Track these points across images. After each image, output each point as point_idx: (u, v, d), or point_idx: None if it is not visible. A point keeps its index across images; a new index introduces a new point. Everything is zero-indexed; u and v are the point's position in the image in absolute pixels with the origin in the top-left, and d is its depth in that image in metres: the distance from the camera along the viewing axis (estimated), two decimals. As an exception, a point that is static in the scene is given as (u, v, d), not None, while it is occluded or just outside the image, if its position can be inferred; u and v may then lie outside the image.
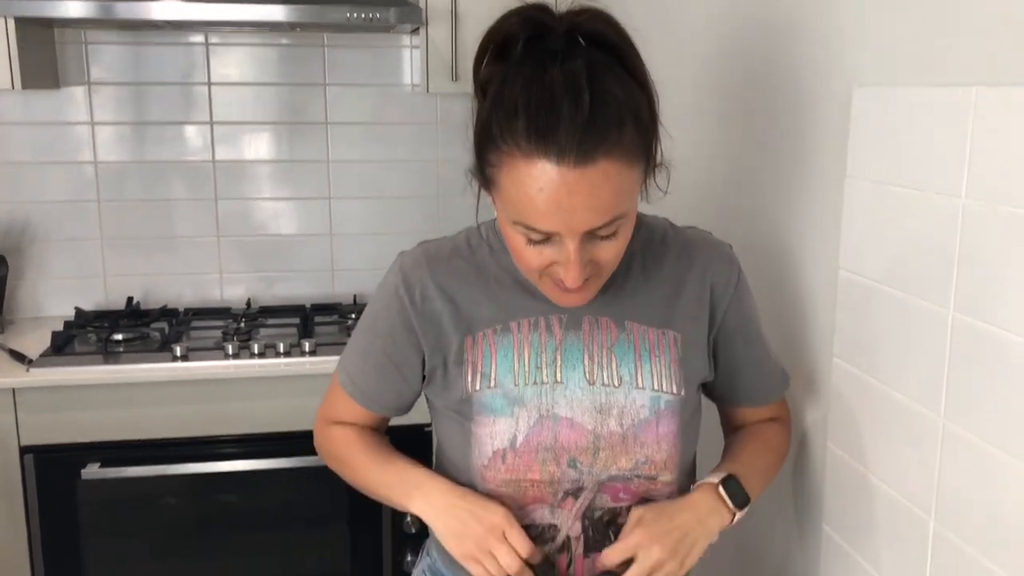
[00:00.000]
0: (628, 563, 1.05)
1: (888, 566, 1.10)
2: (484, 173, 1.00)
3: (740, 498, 1.11)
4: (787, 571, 1.40)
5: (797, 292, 1.33)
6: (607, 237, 0.98)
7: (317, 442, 1.27)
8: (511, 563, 1.04)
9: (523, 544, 1.05)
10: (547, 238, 0.97)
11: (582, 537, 1.12)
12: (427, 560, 1.27)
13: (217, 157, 2.62)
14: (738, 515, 1.11)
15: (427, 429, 2.11)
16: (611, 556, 1.06)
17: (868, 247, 1.11)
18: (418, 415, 1.25)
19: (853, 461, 1.16)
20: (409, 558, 2.29)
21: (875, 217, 1.09)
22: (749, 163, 1.49)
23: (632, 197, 0.98)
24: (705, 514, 1.09)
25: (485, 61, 1.00)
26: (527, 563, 1.05)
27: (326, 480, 1.28)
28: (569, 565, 1.13)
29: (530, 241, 0.98)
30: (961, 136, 0.92)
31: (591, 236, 0.97)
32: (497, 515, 1.06)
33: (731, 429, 1.27)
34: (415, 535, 2.29)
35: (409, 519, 2.29)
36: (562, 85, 0.92)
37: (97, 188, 2.58)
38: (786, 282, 1.36)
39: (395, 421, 1.27)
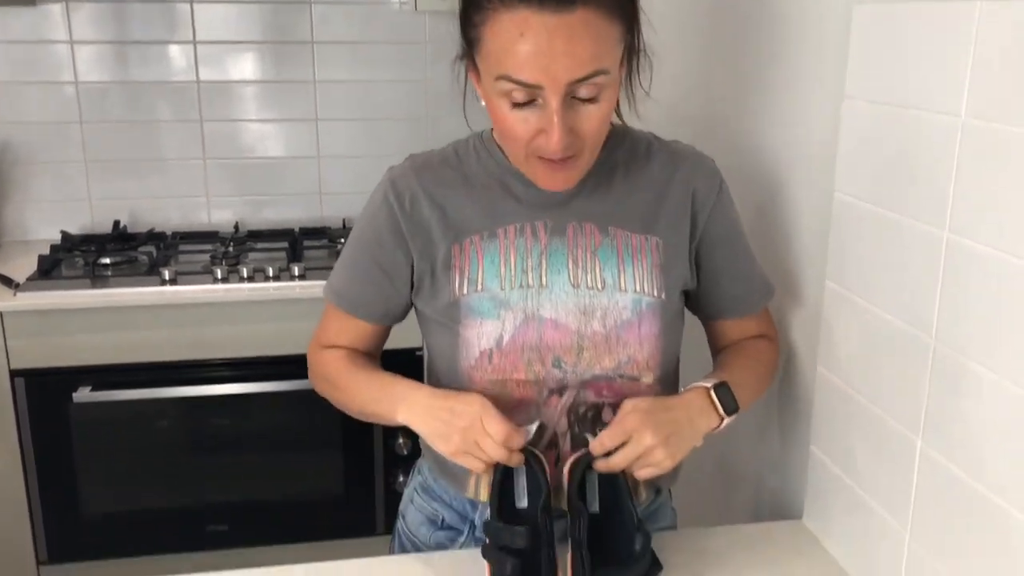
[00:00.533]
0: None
1: (875, 486, 1.11)
2: (468, 36, 1.02)
3: (730, 405, 1.12)
4: (774, 491, 1.42)
5: (791, 214, 1.32)
6: (589, 100, 0.99)
7: (310, 368, 1.27)
8: (495, 452, 1.04)
9: (499, 430, 1.03)
10: (531, 99, 0.99)
11: (568, 433, 1.14)
12: (418, 478, 1.28)
13: (201, 78, 2.57)
14: (726, 421, 1.13)
15: (418, 353, 2.14)
16: (605, 440, 1.06)
17: (864, 169, 1.10)
18: (410, 336, 1.25)
19: (842, 383, 1.17)
20: (401, 479, 2.32)
21: (872, 138, 1.07)
22: (745, 83, 1.46)
23: (612, 57, 1.00)
24: (695, 414, 1.11)
25: None
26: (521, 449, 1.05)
27: (317, 403, 1.28)
28: (557, 461, 1.15)
29: (514, 103, 0.99)
30: (962, 52, 0.90)
31: (572, 100, 0.99)
32: (474, 405, 1.05)
33: (718, 349, 1.28)
34: (407, 456, 2.31)
35: (401, 441, 2.31)
36: None
37: (79, 109, 2.53)
38: (780, 204, 1.35)
39: (387, 345, 1.27)
